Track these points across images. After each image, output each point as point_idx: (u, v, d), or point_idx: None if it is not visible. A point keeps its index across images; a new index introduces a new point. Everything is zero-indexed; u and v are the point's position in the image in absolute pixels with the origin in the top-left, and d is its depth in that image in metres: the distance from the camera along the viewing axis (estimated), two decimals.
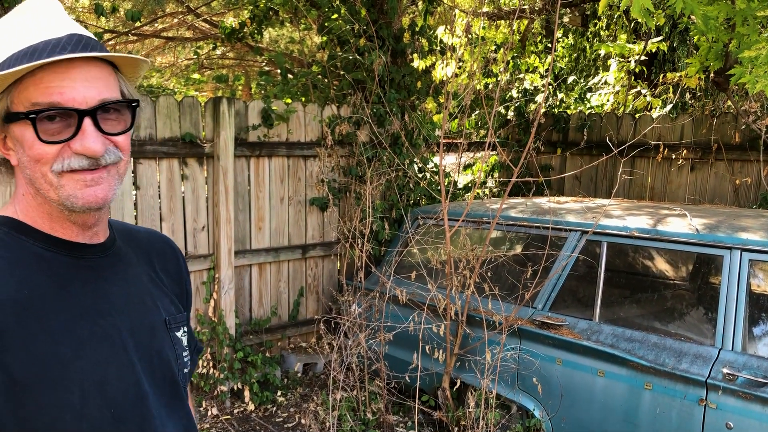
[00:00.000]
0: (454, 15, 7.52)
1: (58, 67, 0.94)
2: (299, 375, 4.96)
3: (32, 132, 0.95)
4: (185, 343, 1.22)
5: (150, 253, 1.22)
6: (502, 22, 8.89)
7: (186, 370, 1.20)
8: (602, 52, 8.28)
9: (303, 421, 4.26)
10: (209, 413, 4.33)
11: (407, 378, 4.07)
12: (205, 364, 4.47)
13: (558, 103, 7.67)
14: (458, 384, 3.84)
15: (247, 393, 4.47)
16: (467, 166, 7.23)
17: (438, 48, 5.88)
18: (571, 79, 8.50)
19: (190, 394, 1.42)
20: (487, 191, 7.13)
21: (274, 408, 4.52)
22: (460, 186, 6.89)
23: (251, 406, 4.45)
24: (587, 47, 9.08)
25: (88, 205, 1.00)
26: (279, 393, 4.67)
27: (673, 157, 5.94)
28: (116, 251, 1.12)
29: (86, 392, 0.98)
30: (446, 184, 5.93)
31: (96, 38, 1.02)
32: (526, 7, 8.09)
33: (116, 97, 1.00)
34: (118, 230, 1.19)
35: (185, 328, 1.23)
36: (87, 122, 0.96)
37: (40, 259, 1.00)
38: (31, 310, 0.96)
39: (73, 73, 0.95)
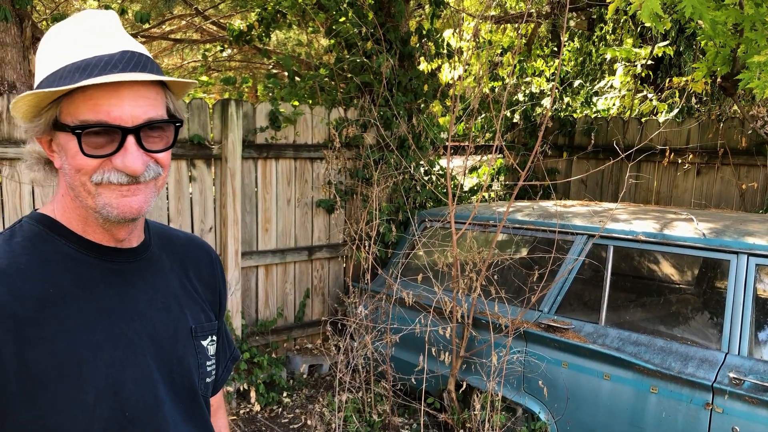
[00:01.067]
0: (461, 19, 7.54)
1: (108, 85, 0.96)
2: (305, 376, 4.97)
3: (76, 143, 0.97)
4: (211, 352, 1.22)
5: (184, 260, 1.22)
6: (509, 25, 8.91)
7: (208, 380, 1.20)
8: (608, 56, 8.28)
9: (309, 422, 4.27)
10: None
11: (413, 380, 4.08)
12: None
13: (564, 106, 7.68)
14: (464, 386, 3.84)
15: (253, 394, 4.48)
16: (474, 169, 7.24)
17: (445, 51, 5.90)
18: (577, 83, 8.50)
19: (222, 405, 1.41)
20: (493, 194, 7.14)
21: (280, 409, 4.54)
22: (466, 189, 6.91)
23: (257, 407, 4.46)
24: (593, 51, 9.09)
25: (123, 215, 1.01)
26: (285, 394, 4.69)
27: (680, 161, 5.94)
28: (148, 256, 1.13)
29: (100, 393, 1.00)
30: (453, 186, 5.93)
31: (148, 54, 1.04)
32: (533, 11, 8.10)
33: (161, 116, 1.01)
34: (155, 234, 1.20)
35: (213, 337, 1.23)
36: (130, 140, 0.98)
37: (69, 259, 1.03)
38: (53, 308, 0.98)
39: (122, 92, 0.97)
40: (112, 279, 1.06)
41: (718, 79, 5.35)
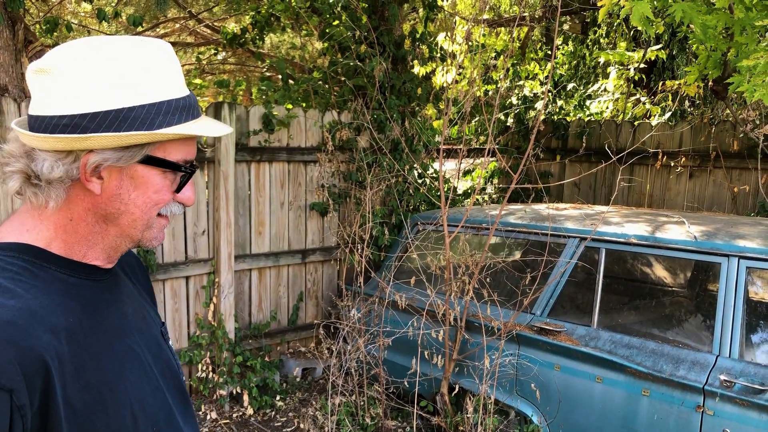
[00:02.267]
0: (455, 22, 7.56)
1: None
2: (298, 380, 4.97)
3: (161, 178, 1.01)
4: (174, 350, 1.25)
5: (125, 267, 1.22)
6: (502, 29, 8.94)
7: (183, 377, 1.22)
8: (602, 59, 8.32)
9: (302, 425, 4.26)
10: (208, 417, 4.33)
11: (406, 383, 4.09)
12: (204, 368, 4.48)
13: (557, 110, 7.70)
14: (457, 389, 3.85)
15: (246, 397, 4.48)
16: (467, 172, 7.26)
17: (438, 55, 5.91)
18: (570, 86, 8.53)
19: None
20: (486, 197, 7.16)
21: (273, 412, 4.53)
22: (459, 192, 6.92)
23: (250, 411, 4.46)
24: (587, 55, 9.12)
25: (157, 245, 1.08)
26: (278, 397, 4.68)
27: (672, 164, 5.97)
28: (116, 270, 1.13)
29: (135, 413, 1.01)
30: (446, 190, 5.95)
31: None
32: (526, 14, 8.13)
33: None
34: None
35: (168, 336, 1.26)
36: (193, 177, 1.07)
37: (67, 285, 0.99)
38: (78, 338, 0.96)
39: None
40: (107, 297, 1.06)
41: (710, 83, 5.38)
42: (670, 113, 7.22)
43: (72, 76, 0.92)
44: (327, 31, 5.46)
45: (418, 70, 5.98)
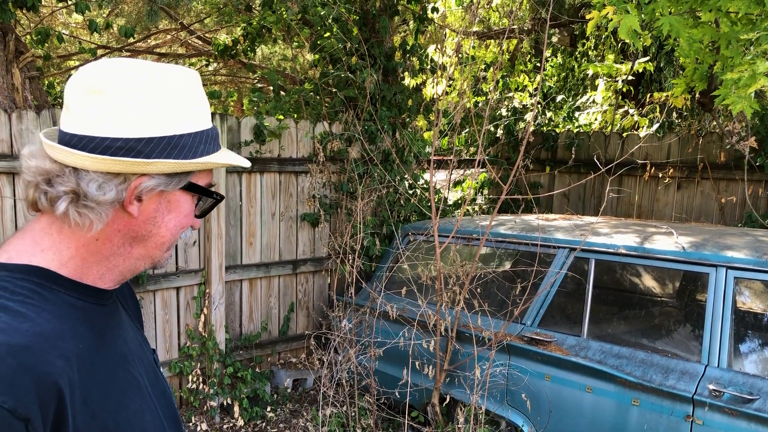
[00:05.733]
0: (445, 34, 7.62)
1: None
2: (289, 390, 4.95)
3: (191, 203, 1.04)
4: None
5: (116, 292, 1.17)
6: (492, 41, 9.01)
7: (175, 404, 1.20)
8: (590, 71, 8.39)
9: None
10: (198, 429, 4.31)
11: (397, 394, 4.09)
12: (194, 379, 4.46)
13: (547, 121, 7.76)
14: (448, 400, 3.85)
15: (236, 408, 4.46)
16: (457, 183, 7.29)
17: (429, 66, 5.96)
18: (559, 98, 8.60)
19: None
20: (476, 208, 7.19)
21: (264, 424, 4.51)
22: (450, 203, 6.95)
23: (241, 422, 4.44)
24: (575, 67, 9.20)
25: (165, 264, 1.10)
26: (269, 408, 4.66)
27: (660, 175, 6.02)
28: (115, 295, 1.10)
29: None
30: (436, 200, 5.97)
31: None
32: (515, 27, 8.21)
33: None
34: None
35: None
36: None
37: (76, 309, 0.96)
38: (88, 365, 0.93)
39: None
40: (110, 322, 1.04)
41: (697, 95, 5.44)
42: (657, 125, 7.29)
43: (127, 99, 0.93)
44: (318, 42, 5.49)
45: (409, 81, 6.01)
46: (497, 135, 7.12)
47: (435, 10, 5.94)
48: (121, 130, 0.92)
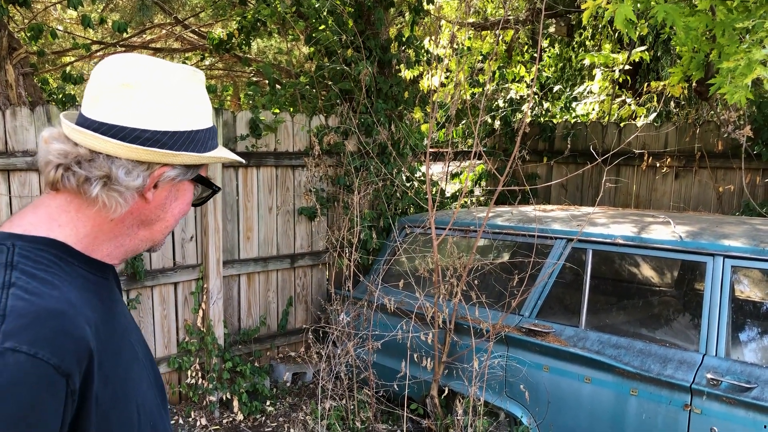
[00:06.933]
0: (441, 26, 7.59)
1: None
2: (288, 384, 4.96)
3: (192, 193, 1.15)
4: None
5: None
6: (488, 32, 8.97)
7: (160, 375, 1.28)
8: (587, 61, 8.36)
9: (292, 430, 4.26)
10: (198, 423, 4.32)
11: (396, 386, 4.09)
12: (193, 374, 4.46)
13: (544, 112, 7.74)
14: (446, 392, 3.86)
15: (236, 403, 4.46)
16: (454, 175, 7.28)
17: (425, 58, 5.93)
18: (556, 88, 8.57)
19: None
20: (473, 200, 7.18)
21: (263, 418, 4.52)
22: (447, 195, 6.93)
23: (240, 416, 4.44)
24: (573, 57, 9.17)
25: (160, 248, 1.20)
26: (268, 403, 4.67)
27: (658, 165, 6.01)
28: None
29: (139, 408, 1.06)
30: (433, 193, 5.96)
31: None
32: (511, 17, 8.17)
33: None
34: None
35: None
36: None
37: (88, 281, 1.02)
38: (100, 333, 0.98)
39: None
40: (116, 296, 1.11)
41: (694, 84, 5.42)
42: (655, 114, 7.27)
43: (155, 94, 1.02)
44: (313, 35, 5.46)
45: (405, 73, 5.99)
46: (494, 126, 7.11)
47: (431, 1, 5.91)
48: (149, 123, 1.01)
